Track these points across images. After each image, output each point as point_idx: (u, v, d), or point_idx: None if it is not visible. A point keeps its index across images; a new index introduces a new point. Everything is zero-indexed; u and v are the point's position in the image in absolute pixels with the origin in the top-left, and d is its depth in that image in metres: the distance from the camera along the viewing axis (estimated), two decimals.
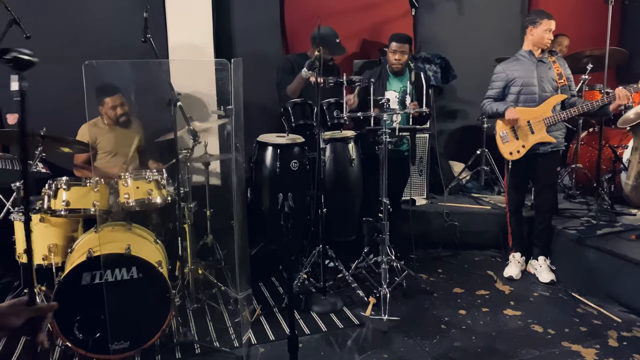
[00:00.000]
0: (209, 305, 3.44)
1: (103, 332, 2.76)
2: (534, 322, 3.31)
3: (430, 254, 4.48)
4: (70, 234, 3.31)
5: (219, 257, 3.80)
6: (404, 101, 3.99)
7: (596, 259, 3.69)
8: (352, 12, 5.17)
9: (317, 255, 3.70)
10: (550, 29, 3.67)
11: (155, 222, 3.51)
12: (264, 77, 4.46)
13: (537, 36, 3.72)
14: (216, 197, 3.82)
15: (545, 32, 3.68)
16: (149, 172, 3.21)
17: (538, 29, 3.70)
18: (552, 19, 3.67)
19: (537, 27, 3.70)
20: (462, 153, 5.41)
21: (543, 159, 3.82)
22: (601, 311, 3.43)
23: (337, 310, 3.46)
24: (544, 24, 3.67)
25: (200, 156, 3.65)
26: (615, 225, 4.06)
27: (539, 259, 3.97)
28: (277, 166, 3.77)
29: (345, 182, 3.95)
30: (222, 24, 4.58)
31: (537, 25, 3.70)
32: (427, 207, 4.77)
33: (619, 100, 3.56)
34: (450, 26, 5.53)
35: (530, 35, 3.76)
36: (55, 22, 4.07)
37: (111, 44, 4.08)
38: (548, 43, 3.72)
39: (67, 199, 3.02)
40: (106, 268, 2.78)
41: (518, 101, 3.79)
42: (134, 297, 2.84)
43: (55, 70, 3.99)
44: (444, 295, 3.72)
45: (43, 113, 3.96)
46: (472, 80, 5.18)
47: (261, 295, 3.71)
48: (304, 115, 3.79)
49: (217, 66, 3.90)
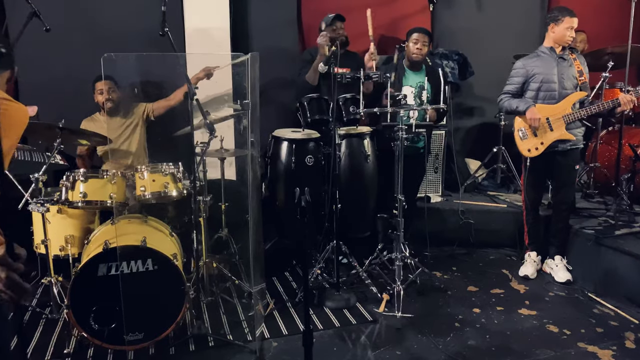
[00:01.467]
0: (222, 299, 3.46)
1: (118, 323, 2.79)
2: (549, 322, 3.27)
3: (445, 252, 4.45)
4: (87, 225, 3.35)
5: (234, 251, 3.81)
6: (420, 97, 3.96)
7: (614, 259, 3.63)
8: (370, 7, 5.13)
9: (330, 251, 3.70)
10: (572, 26, 3.63)
11: (170, 215, 3.54)
12: (280, 72, 4.46)
13: (558, 33, 3.67)
14: (231, 191, 3.83)
15: (567, 29, 3.63)
16: (165, 165, 3.22)
17: (560, 26, 3.65)
18: (575, 16, 3.62)
19: (559, 24, 3.65)
20: (478, 150, 5.36)
21: (562, 157, 3.77)
22: (618, 312, 3.38)
23: (350, 306, 3.46)
24: (566, 22, 3.62)
25: (216, 150, 3.66)
26: (634, 225, 3.99)
27: (556, 258, 3.93)
28: (292, 161, 3.77)
29: (360, 178, 3.94)
30: (239, 18, 4.58)
31: (559, 22, 3.65)
32: (442, 205, 4.74)
33: (624, 107, 3.61)
34: (469, 22, 5.47)
35: (551, 32, 3.71)
36: (75, 14, 4.10)
37: (130, 37, 4.10)
38: (570, 40, 3.67)
39: (85, 190, 3.04)
40: (122, 260, 2.81)
41: (537, 97, 3.75)
42: (149, 289, 2.86)
43: (74, 63, 4.04)
44: (458, 293, 3.70)
45: (62, 105, 4.02)
46: (489, 77, 5.12)
47: (274, 289, 3.72)
48: (320, 111, 3.77)
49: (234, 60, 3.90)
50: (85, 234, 3.28)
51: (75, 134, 3.37)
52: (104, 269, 2.80)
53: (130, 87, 3.83)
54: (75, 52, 4.05)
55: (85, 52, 3.90)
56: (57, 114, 3.28)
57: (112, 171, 3.14)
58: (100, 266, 2.80)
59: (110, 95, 3.77)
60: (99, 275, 2.80)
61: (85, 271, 2.80)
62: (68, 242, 3.25)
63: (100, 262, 2.80)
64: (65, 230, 3.27)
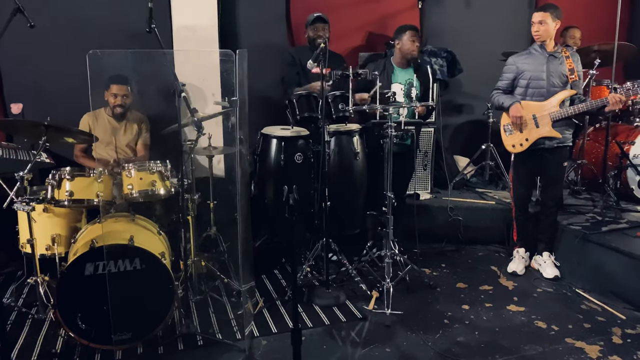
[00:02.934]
0: (211, 297, 3.44)
1: (106, 322, 2.75)
2: (537, 318, 3.29)
3: (434, 249, 4.46)
4: (73, 224, 3.31)
5: (222, 249, 3.79)
6: (409, 94, 3.97)
7: (601, 255, 3.66)
8: (358, 4, 5.13)
9: (320, 249, 3.69)
10: (532, 21, 3.68)
11: (158, 214, 3.51)
12: (269, 69, 4.43)
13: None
14: (220, 189, 3.81)
15: (533, 24, 3.69)
16: (153, 163, 3.20)
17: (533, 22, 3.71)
18: (539, 10, 3.68)
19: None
20: (467, 148, 5.39)
21: (549, 154, 3.79)
22: (605, 308, 3.41)
23: (340, 303, 3.45)
24: (532, 17, 3.70)
25: (205, 148, 3.63)
26: (621, 221, 4.03)
27: (544, 254, 3.95)
28: (281, 159, 3.75)
29: (350, 176, 3.93)
30: (227, 15, 4.55)
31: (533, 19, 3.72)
32: (431, 202, 4.75)
33: (612, 106, 3.63)
34: (457, 19, 5.48)
35: None
36: (61, 10, 4.05)
37: (116, 34, 4.05)
38: (534, 34, 3.70)
39: (71, 189, 3.01)
40: (109, 259, 2.78)
41: (526, 94, 3.76)
42: (137, 288, 2.83)
43: (59, 60, 3.99)
44: (448, 290, 3.71)
45: (47, 102, 3.97)
46: (478, 75, 5.14)
47: (264, 287, 3.71)
48: (309, 108, 3.76)
49: (222, 57, 3.87)
50: (71, 233, 3.25)
51: (61, 132, 3.32)
52: (91, 268, 2.77)
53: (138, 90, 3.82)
54: (61, 48, 4.01)
55: (72, 48, 3.86)
56: (43, 111, 3.24)
57: (99, 169, 3.11)
58: (87, 265, 2.77)
59: (124, 101, 3.79)
60: (86, 275, 2.76)
61: (71, 270, 2.77)
62: (54, 241, 3.21)
63: (87, 261, 2.76)
64: (51, 229, 3.23)
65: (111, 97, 3.76)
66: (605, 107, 3.67)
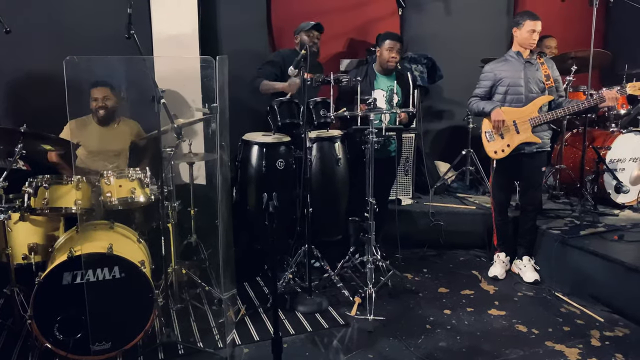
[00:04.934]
0: (192, 305, 3.41)
1: (84, 332, 2.71)
2: (518, 322, 3.32)
3: (416, 254, 4.48)
4: (51, 232, 3.25)
5: (204, 256, 3.76)
6: (391, 100, 3.99)
7: (579, 259, 3.72)
8: (339, 11, 5.16)
9: (302, 255, 3.68)
10: (533, 29, 3.69)
11: (138, 221, 3.46)
12: (251, 75, 4.43)
13: (521, 37, 3.74)
14: (201, 196, 3.78)
15: (529, 32, 3.70)
16: (132, 170, 3.16)
17: (522, 30, 3.72)
18: (537, 19, 3.69)
19: (521, 28, 3.73)
20: (447, 153, 5.43)
21: (528, 159, 3.84)
22: (584, 311, 3.46)
23: (322, 310, 3.45)
24: (527, 25, 3.70)
25: (185, 155, 3.60)
26: (598, 225, 4.10)
27: (524, 258, 4.00)
28: (263, 165, 3.74)
29: (332, 182, 3.93)
30: (208, 21, 4.53)
31: (521, 26, 3.72)
32: (413, 207, 4.78)
33: (608, 102, 3.65)
34: (437, 26, 5.54)
35: (516, 36, 3.78)
36: (36, 16, 3.98)
37: (94, 39, 4.00)
38: (533, 44, 3.74)
39: (48, 197, 2.96)
40: (87, 268, 2.73)
41: (505, 101, 3.81)
42: (116, 297, 2.80)
43: (36, 66, 3.93)
44: (429, 295, 3.73)
45: (24, 109, 3.91)
46: (458, 81, 5.19)
47: (246, 295, 3.68)
48: (291, 114, 3.76)
49: (202, 63, 3.85)
50: (49, 242, 3.19)
51: (38, 139, 3.27)
52: (69, 277, 2.72)
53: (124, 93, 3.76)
54: (39, 54, 3.94)
55: (50, 54, 3.79)
56: (20, 117, 3.19)
57: (77, 177, 3.06)
58: (65, 274, 2.72)
59: (105, 103, 3.70)
60: (64, 284, 2.72)
61: (49, 280, 2.71)
62: (31, 250, 3.15)
63: (65, 271, 2.72)
64: (28, 238, 3.16)
65: (93, 102, 3.69)
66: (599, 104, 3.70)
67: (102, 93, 3.69)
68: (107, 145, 3.78)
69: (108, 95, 3.72)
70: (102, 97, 3.69)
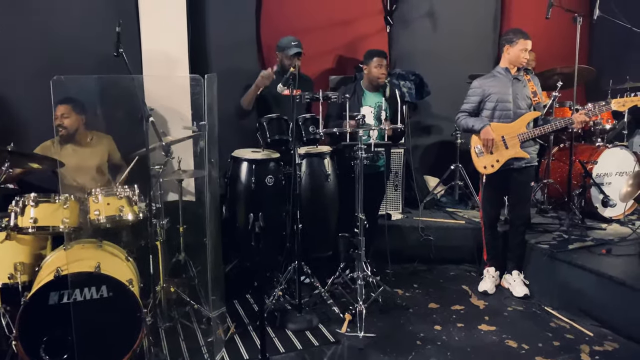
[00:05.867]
0: (181, 324, 3.37)
1: (71, 353, 2.67)
2: (508, 337, 3.32)
3: (406, 269, 4.48)
4: (38, 251, 3.21)
5: (192, 274, 3.73)
6: (379, 116, 4.02)
7: (568, 273, 3.73)
8: (328, 28, 5.21)
9: (292, 272, 3.67)
10: (526, 48, 3.75)
11: (126, 239, 3.44)
12: (240, 92, 4.44)
13: (513, 55, 3.79)
14: (190, 213, 3.77)
15: (522, 51, 3.75)
16: (121, 188, 3.14)
17: (514, 48, 3.77)
18: (529, 38, 3.75)
19: (514, 46, 3.77)
20: (436, 168, 5.46)
21: (517, 174, 3.87)
22: (574, 325, 3.47)
23: (312, 327, 3.42)
24: (520, 44, 3.75)
25: (174, 172, 3.60)
26: (586, 239, 4.12)
27: (513, 273, 4.01)
28: (252, 182, 3.74)
29: (321, 198, 3.94)
30: (198, 39, 4.55)
31: (514, 44, 3.77)
32: (403, 222, 4.79)
33: (576, 125, 3.78)
34: (424, 43, 5.61)
35: (507, 53, 3.82)
36: (24, 35, 3.98)
37: (83, 58, 4.01)
38: (524, 62, 3.80)
39: (35, 216, 2.94)
40: (74, 287, 2.70)
41: (493, 117, 3.85)
42: (104, 317, 2.76)
43: (24, 85, 3.92)
44: (420, 311, 3.72)
45: (11, 128, 3.88)
46: (446, 96, 5.24)
47: (235, 312, 3.66)
48: (280, 131, 3.78)
49: (192, 82, 3.87)
50: (36, 261, 3.14)
51: (25, 158, 3.25)
52: (55, 297, 2.69)
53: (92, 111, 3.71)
54: (26, 73, 3.93)
55: (38, 72, 3.79)
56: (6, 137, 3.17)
57: (65, 195, 3.04)
58: (52, 294, 2.69)
59: (62, 121, 3.60)
60: (50, 304, 2.68)
61: (35, 300, 2.68)
62: (17, 270, 3.10)
63: (52, 290, 2.68)
64: (14, 257, 3.10)
65: (56, 120, 3.58)
66: (569, 126, 3.80)
67: (59, 111, 3.58)
68: (84, 162, 3.73)
69: (66, 114, 3.60)
70: (61, 114, 3.59)
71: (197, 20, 4.54)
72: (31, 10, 4.00)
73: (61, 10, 4.08)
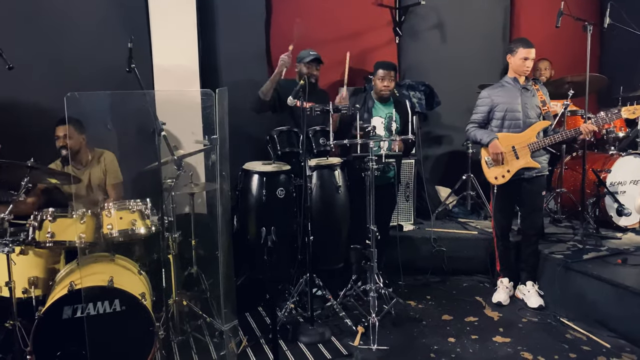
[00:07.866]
0: (194, 337, 3.37)
1: None
2: (523, 349, 3.28)
3: (419, 280, 4.45)
4: (51, 265, 3.24)
5: (205, 287, 3.74)
6: (390, 127, 4.02)
7: (583, 283, 3.69)
8: (337, 40, 5.23)
9: (304, 284, 3.66)
10: (526, 57, 3.75)
11: (139, 253, 3.47)
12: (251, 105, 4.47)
13: (514, 64, 3.80)
14: (202, 226, 3.78)
15: (522, 60, 3.75)
16: (133, 202, 3.17)
17: (515, 57, 3.79)
18: (530, 47, 3.74)
19: (514, 55, 3.79)
20: (448, 178, 5.44)
21: (528, 184, 3.85)
22: (590, 337, 3.42)
23: (325, 340, 3.41)
24: (520, 53, 3.76)
25: (185, 185, 3.62)
26: (601, 249, 4.07)
27: (527, 284, 3.97)
28: (263, 194, 3.75)
29: (332, 210, 3.93)
30: (208, 53, 4.60)
31: (514, 53, 3.79)
32: (415, 233, 4.76)
33: (584, 136, 3.77)
34: (434, 54, 5.62)
35: (510, 63, 3.84)
36: (38, 52, 4.05)
37: (95, 74, 4.07)
38: (526, 71, 3.80)
39: (52, 230, 2.97)
40: (88, 301, 2.73)
41: (503, 126, 3.84)
42: (117, 331, 2.78)
43: (40, 101, 3.97)
44: (433, 323, 3.69)
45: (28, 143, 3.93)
46: (456, 106, 5.24)
47: (248, 326, 3.65)
48: (290, 143, 3.79)
49: (203, 96, 3.90)
50: (50, 275, 3.18)
51: (44, 173, 3.29)
52: (69, 311, 2.72)
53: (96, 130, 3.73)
54: (42, 89, 3.99)
55: (53, 89, 3.84)
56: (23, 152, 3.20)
57: (82, 210, 3.07)
58: (65, 309, 2.72)
59: (64, 143, 3.57)
60: (64, 318, 2.71)
61: (49, 314, 2.71)
62: (32, 284, 3.13)
63: (65, 305, 2.71)
64: (29, 272, 3.14)
65: (56, 141, 3.59)
66: (578, 136, 3.79)
67: (60, 132, 3.59)
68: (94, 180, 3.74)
69: (69, 134, 3.60)
70: (62, 135, 3.59)
71: (208, 35, 4.60)
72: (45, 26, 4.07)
73: (75, 27, 4.15)
